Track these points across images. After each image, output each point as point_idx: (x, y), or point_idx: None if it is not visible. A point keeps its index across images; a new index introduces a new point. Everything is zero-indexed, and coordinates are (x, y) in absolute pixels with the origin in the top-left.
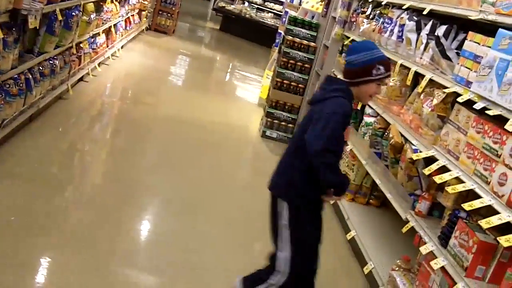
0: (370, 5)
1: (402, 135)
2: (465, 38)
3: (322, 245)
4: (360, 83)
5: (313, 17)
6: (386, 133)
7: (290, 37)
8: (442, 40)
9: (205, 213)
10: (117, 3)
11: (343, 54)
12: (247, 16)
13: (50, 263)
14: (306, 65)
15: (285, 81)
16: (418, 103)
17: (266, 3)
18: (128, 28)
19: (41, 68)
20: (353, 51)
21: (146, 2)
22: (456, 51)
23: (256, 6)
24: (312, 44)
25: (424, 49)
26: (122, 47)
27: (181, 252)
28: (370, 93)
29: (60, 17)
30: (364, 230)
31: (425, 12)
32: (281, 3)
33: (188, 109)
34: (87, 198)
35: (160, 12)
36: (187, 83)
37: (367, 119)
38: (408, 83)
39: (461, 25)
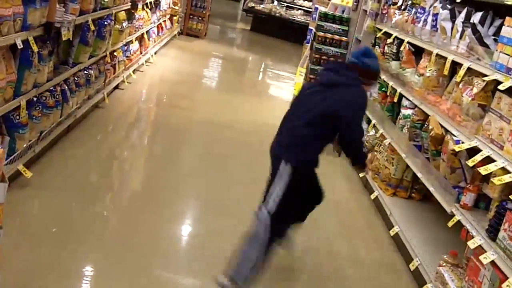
0: None
1: (442, 126)
2: (502, 24)
3: (365, 242)
4: (369, 84)
5: (343, 11)
6: (425, 125)
7: (321, 33)
8: (479, 27)
9: (244, 215)
10: (148, 10)
11: (376, 46)
12: (277, 14)
13: (92, 270)
14: (338, 60)
15: (318, 77)
16: (457, 92)
17: (295, 1)
18: (160, 34)
19: (77, 79)
20: (371, 55)
21: (176, 7)
22: (493, 37)
23: (286, 4)
24: (344, 38)
25: (460, 37)
26: (155, 53)
27: (221, 255)
28: (372, 88)
29: (92, 27)
30: (407, 225)
31: (458, 0)
32: (311, 0)
33: (223, 110)
34: (126, 204)
35: (191, 16)
36: (221, 85)
37: (404, 111)
38: (446, 72)
39: (497, 11)
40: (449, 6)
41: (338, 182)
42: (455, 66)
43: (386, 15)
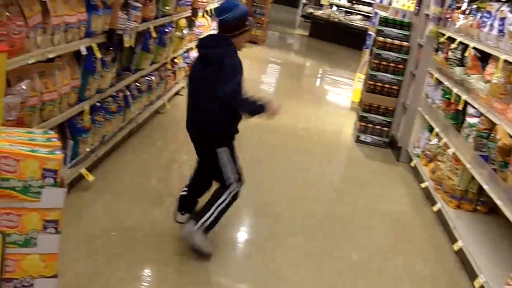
0: (466, 0)
1: (510, 136)
2: None
3: (426, 256)
4: (239, 35)
5: (404, 16)
6: (492, 135)
7: (381, 38)
8: None
9: (302, 224)
10: (208, 17)
11: (439, 51)
12: (335, 20)
13: (151, 277)
14: (399, 66)
15: (378, 84)
16: None
17: (354, 6)
18: None
19: (138, 85)
20: (226, 10)
21: None
22: None
23: (345, 9)
24: (405, 43)
25: None
26: None
27: (273, 264)
28: (244, 41)
29: (154, 35)
30: (472, 240)
31: None
32: (370, 5)
33: (280, 116)
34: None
35: None
36: (278, 90)
37: (470, 119)
38: None
39: None
40: None
41: (398, 192)
42: None
43: (449, 19)
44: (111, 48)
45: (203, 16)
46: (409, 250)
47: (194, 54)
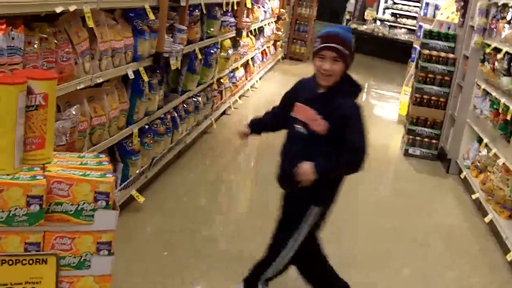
0: (510, 9)
1: None
2: None
3: (479, 268)
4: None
5: (449, 28)
6: None
7: (426, 51)
8: None
9: (351, 238)
10: (252, 37)
11: (485, 62)
12: (379, 34)
13: None
14: (446, 78)
15: (424, 96)
16: None
17: (398, 20)
18: (265, 59)
19: (186, 106)
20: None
21: (279, 33)
22: None
23: (389, 24)
24: (451, 55)
25: None
26: (260, 78)
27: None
28: (317, 69)
29: (200, 56)
30: None
31: None
32: (414, 18)
33: None
34: (234, 228)
35: (294, 41)
36: None
37: None
38: None
39: None
40: None
41: (449, 205)
42: None
43: (494, 29)
44: (158, 71)
45: (247, 36)
46: (461, 263)
47: (240, 74)
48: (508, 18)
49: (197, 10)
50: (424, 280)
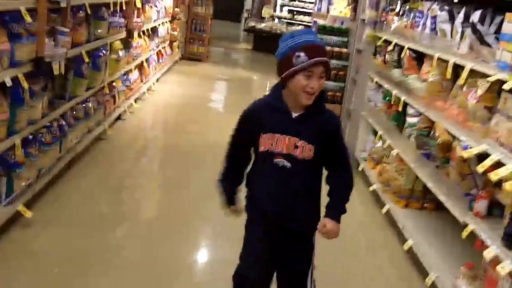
0: (399, 1)
1: (449, 132)
2: (503, 20)
3: (379, 257)
4: (287, 79)
5: (342, 23)
6: (432, 133)
7: None
8: (478, 26)
9: None
10: (146, 38)
11: (377, 55)
12: (278, 32)
13: None
14: (341, 73)
15: None
16: (462, 96)
17: (295, 17)
18: (161, 60)
19: (75, 113)
20: (279, 43)
21: (175, 33)
22: (495, 35)
23: (286, 21)
24: (344, 50)
25: (461, 39)
26: (157, 80)
27: None
28: (300, 88)
29: (87, 59)
30: (422, 238)
31: (456, 0)
32: (310, 14)
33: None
34: (139, 234)
35: (192, 40)
36: (227, 107)
37: (410, 119)
38: (448, 76)
39: (498, 8)
40: (446, 8)
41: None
42: (459, 69)
43: (385, 22)
44: (40, 77)
45: (139, 36)
46: (362, 252)
47: (134, 76)
48: (397, 9)
49: (81, 11)
50: (325, 274)
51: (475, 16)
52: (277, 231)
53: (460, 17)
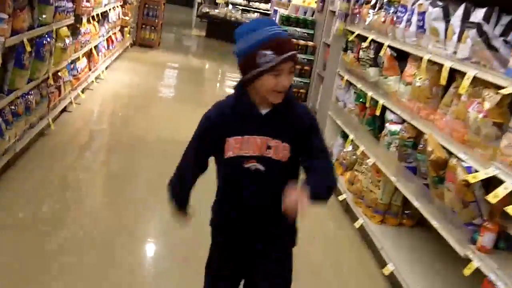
0: None
1: (443, 147)
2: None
3: (357, 279)
4: (252, 79)
5: (305, 13)
6: (420, 145)
7: None
8: (485, 27)
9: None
10: (95, 23)
11: (348, 51)
12: (232, 19)
13: None
14: (305, 68)
15: None
16: (460, 106)
17: (251, 3)
18: (111, 47)
19: (14, 108)
20: (235, 37)
21: (127, 18)
22: (502, 38)
23: (241, 7)
24: (310, 43)
25: (459, 40)
26: (106, 68)
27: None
28: (269, 88)
29: (28, 48)
30: (403, 260)
31: None
32: (268, 1)
33: (182, 125)
34: (85, 232)
35: (143, 26)
36: (178, 97)
37: (391, 126)
38: (443, 82)
39: (502, 7)
40: (440, 3)
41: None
42: (452, 73)
43: (358, 15)
44: None
45: (88, 22)
46: (338, 272)
47: (81, 65)
48: (372, 2)
49: None
50: None
51: (478, 14)
52: (250, 245)
53: (457, 15)
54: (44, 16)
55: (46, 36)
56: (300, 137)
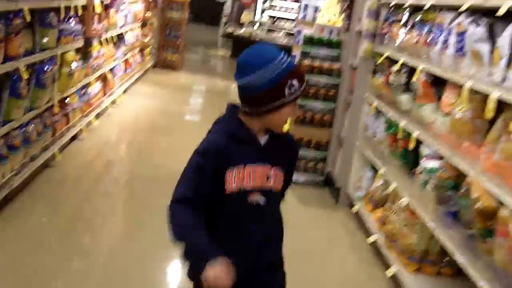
0: (406, 11)
1: (491, 194)
2: None
3: None
4: (272, 110)
5: (330, 32)
6: (462, 188)
7: (307, 61)
8: None
9: None
10: (110, 46)
11: (377, 74)
12: (257, 39)
13: None
14: (330, 92)
15: (307, 114)
16: (509, 144)
17: (276, 23)
18: (128, 70)
19: (10, 140)
20: (246, 67)
21: (146, 40)
22: None
23: (266, 28)
24: (336, 66)
25: (508, 66)
26: (124, 91)
27: None
28: (285, 119)
29: (25, 76)
30: None
31: (500, 12)
32: (293, 21)
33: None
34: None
35: (165, 47)
36: (202, 122)
37: (426, 163)
38: (490, 114)
39: None
40: (484, 22)
41: (341, 249)
42: (499, 104)
43: (387, 35)
44: None
45: (101, 44)
46: None
47: (94, 89)
48: (403, 20)
49: (18, 17)
50: None
51: None
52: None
53: (505, 36)
54: (45, 39)
55: (48, 61)
56: (289, 166)
